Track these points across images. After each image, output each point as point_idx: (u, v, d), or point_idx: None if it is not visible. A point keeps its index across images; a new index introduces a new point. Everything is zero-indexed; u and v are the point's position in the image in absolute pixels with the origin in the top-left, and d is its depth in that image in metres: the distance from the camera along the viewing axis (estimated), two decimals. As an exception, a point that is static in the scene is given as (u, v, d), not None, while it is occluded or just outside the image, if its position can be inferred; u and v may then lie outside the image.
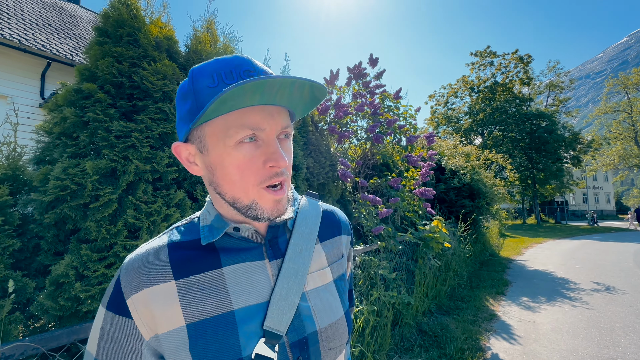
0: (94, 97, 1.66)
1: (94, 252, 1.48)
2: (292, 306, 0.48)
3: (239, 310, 0.46)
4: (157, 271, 0.46)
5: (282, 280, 0.49)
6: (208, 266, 0.48)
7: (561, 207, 32.10)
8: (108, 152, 1.60)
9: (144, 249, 0.49)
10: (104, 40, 1.82)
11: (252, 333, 0.45)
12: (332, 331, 0.52)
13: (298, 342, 0.48)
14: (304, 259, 0.52)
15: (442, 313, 3.99)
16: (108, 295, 0.46)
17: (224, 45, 2.46)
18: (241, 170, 0.45)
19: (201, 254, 0.49)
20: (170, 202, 1.73)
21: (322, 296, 0.53)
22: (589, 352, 3.06)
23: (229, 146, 0.45)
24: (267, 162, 0.45)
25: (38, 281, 1.45)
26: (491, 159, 10.22)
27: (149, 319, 0.44)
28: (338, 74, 4.12)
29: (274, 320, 0.46)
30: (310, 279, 0.53)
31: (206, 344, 0.44)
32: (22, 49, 6.07)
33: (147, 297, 0.44)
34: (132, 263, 0.47)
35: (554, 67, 27.60)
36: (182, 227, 0.53)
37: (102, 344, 0.45)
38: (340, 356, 0.53)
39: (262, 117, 0.44)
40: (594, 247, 10.70)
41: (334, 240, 0.61)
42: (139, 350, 0.44)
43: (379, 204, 3.45)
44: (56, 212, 1.46)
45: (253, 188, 0.46)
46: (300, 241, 0.54)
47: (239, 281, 0.48)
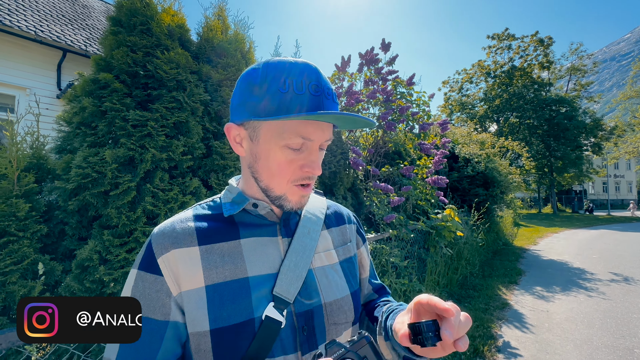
0: (110, 87, 1.69)
1: (115, 237, 1.54)
2: (299, 278, 0.53)
3: (252, 277, 0.51)
4: (184, 237, 0.52)
5: (292, 254, 0.55)
6: (228, 237, 0.54)
7: (579, 196, 31.10)
8: (125, 140, 1.63)
9: (172, 219, 0.55)
10: (118, 29, 1.84)
11: (263, 298, 0.51)
12: (337, 307, 0.56)
13: (304, 312, 0.53)
14: (312, 239, 0.59)
15: (453, 301, 3.99)
16: (140, 257, 0.51)
17: (235, 33, 2.44)
18: (281, 167, 0.52)
19: (222, 226, 0.55)
20: (186, 190, 1.77)
21: (328, 274, 0.58)
22: (604, 342, 3.03)
23: (278, 145, 0.51)
24: (304, 167, 0.52)
25: (65, 265, 1.53)
26: (507, 146, 9.94)
27: (176, 276, 0.49)
28: (349, 61, 4.05)
29: (283, 287, 0.51)
30: (317, 258, 0.59)
31: (222, 304, 0.49)
32: (39, 40, 6.18)
33: (175, 256, 0.50)
34: (162, 229, 0.53)
35: (577, 49, 26.26)
36: (205, 204, 0.59)
37: None
38: (345, 333, 0.57)
39: (314, 130, 0.50)
40: (613, 237, 10.40)
41: (340, 228, 0.67)
42: (167, 305, 0.49)
43: (391, 192, 3.44)
44: (79, 199, 1.52)
45: (287, 184, 0.53)
46: (308, 224, 0.60)
47: (254, 252, 0.54)
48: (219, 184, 1.94)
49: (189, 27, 2.22)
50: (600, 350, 2.86)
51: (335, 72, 4.14)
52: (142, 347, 0.48)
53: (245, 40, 2.49)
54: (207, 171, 1.96)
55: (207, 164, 1.94)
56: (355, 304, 0.60)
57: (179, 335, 0.50)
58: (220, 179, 1.95)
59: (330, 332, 0.55)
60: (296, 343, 0.51)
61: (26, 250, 1.37)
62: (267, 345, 0.48)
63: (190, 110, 1.88)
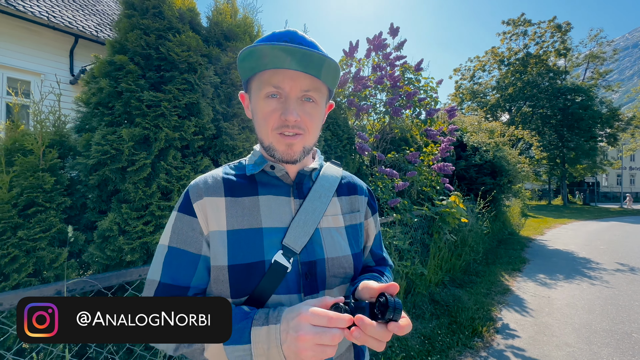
0: (125, 69, 1.77)
1: (132, 210, 1.64)
2: (307, 234, 0.62)
3: (266, 228, 0.61)
4: (214, 188, 0.63)
5: (301, 213, 0.63)
6: (249, 192, 0.64)
7: (592, 188, 30.45)
8: (141, 120, 1.72)
9: (206, 175, 0.66)
10: (132, 13, 1.90)
11: (274, 246, 0.60)
12: (337, 262, 0.64)
13: (308, 262, 0.62)
14: (322, 203, 0.66)
15: (455, 286, 4.08)
16: (179, 202, 0.63)
17: (244, 17, 2.48)
18: (265, 116, 0.60)
19: (245, 183, 0.65)
20: (197, 168, 1.86)
21: (332, 235, 0.66)
22: (602, 326, 3.08)
23: (261, 98, 0.60)
24: (282, 114, 0.59)
25: (87, 235, 1.65)
26: (516, 135, 9.78)
27: (207, 219, 0.60)
28: (357, 46, 4.03)
29: (291, 240, 0.60)
30: (324, 220, 0.66)
31: (239, 246, 0.59)
32: (51, 26, 6.28)
33: (206, 203, 0.61)
34: (198, 181, 0.64)
35: (596, 35, 25.23)
36: (232, 165, 0.71)
37: (173, 236, 0.60)
38: (342, 288, 0.66)
39: (284, 78, 0.58)
40: (623, 229, 10.27)
41: (351, 197, 0.74)
42: (200, 241, 0.60)
43: (396, 177, 3.48)
44: (99, 174, 1.62)
45: (271, 132, 0.61)
46: (320, 189, 0.68)
47: (269, 208, 0.63)
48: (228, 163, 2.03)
49: (199, 10, 2.27)
50: (598, 334, 2.92)
51: (343, 57, 4.13)
52: (180, 271, 0.58)
53: (253, 24, 2.53)
54: (217, 151, 2.04)
55: (217, 145, 2.02)
56: (356, 264, 0.68)
57: (208, 267, 0.61)
58: (229, 158, 2.03)
59: (330, 282, 0.63)
60: (299, 286, 0.60)
61: (53, 220, 1.49)
62: (274, 284, 0.57)
63: (201, 92, 1.95)
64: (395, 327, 0.46)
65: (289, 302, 0.58)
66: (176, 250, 0.59)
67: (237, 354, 0.49)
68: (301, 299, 0.59)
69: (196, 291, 0.60)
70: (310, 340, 0.45)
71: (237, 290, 0.57)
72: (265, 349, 0.48)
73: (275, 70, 0.58)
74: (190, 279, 0.59)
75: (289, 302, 0.58)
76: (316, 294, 0.60)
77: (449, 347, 2.62)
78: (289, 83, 0.58)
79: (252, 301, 0.57)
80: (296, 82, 0.58)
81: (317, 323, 0.46)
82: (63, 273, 1.49)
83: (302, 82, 0.59)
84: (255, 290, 0.57)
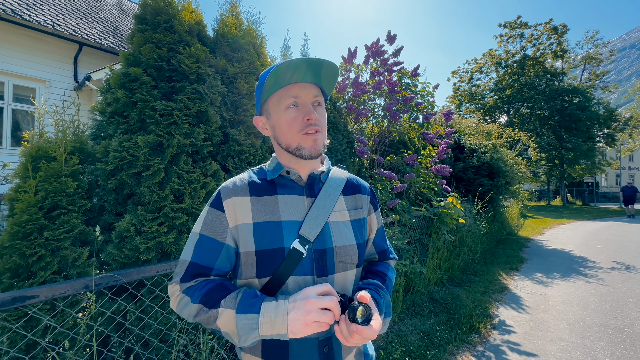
0: (139, 80, 1.89)
1: (147, 212, 1.76)
2: (318, 226, 0.73)
3: (284, 222, 0.73)
4: (242, 189, 0.76)
5: (314, 209, 0.75)
6: (269, 192, 0.76)
7: (591, 188, 30.56)
8: (154, 128, 1.84)
9: (234, 178, 0.79)
10: (144, 27, 2.02)
11: (291, 235, 0.72)
12: (344, 250, 0.76)
13: (319, 250, 0.73)
14: (331, 201, 0.78)
15: (453, 285, 4.18)
16: (212, 199, 0.76)
17: (248, 28, 2.61)
18: (290, 124, 0.73)
19: (266, 184, 0.78)
20: (207, 172, 1.98)
21: (340, 227, 0.78)
22: (596, 322, 3.19)
23: (282, 110, 0.74)
24: (305, 116, 0.72)
25: (104, 236, 1.76)
26: (513, 136, 9.91)
27: (234, 214, 0.73)
28: (356, 52, 4.17)
29: (306, 231, 0.72)
30: (333, 215, 0.78)
31: (263, 235, 0.71)
32: (56, 34, 6.41)
33: (234, 201, 0.74)
34: (228, 183, 0.77)
35: (592, 37, 25.45)
36: (255, 170, 0.83)
37: (204, 226, 0.74)
38: (349, 272, 0.78)
39: (299, 89, 0.73)
40: (621, 228, 10.37)
41: (355, 196, 0.86)
42: (225, 232, 0.73)
43: (394, 179, 3.60)
44: (116, 179, 1.74)
45: (298, 134, 0.73)
46: (329, 189, 0.80)
47: (287, 205, 0.75)
48: (235, 167, 2.15)
49: (205, 23, 2.40)
50: (591, 329, 3.03)
51: (342, 63, 4.26)
52: (207, 254, 0.72)
53: (257, 35, 2.66)
54: (225, 156, 2.16)
55: (224, 150, 2.14)
56: (360, 252, 0.81)
57: (229, 255, 0.74)
58: (236, 163, 2.15)
59: (338, 267, 0.75)
60: (312, 269, 0.72)
61: (75, 222, 1.61)
62: (291, 266, 0.70)
63: (210, 101, 2.08)
64: (354, 328, 0.59)
65: (303, 282, 0.70)
66: (206, 237, 0.72)
67: (246, 321, 0.61)
68: (314, 280, 0.71)
69: (218, 272, 0.73)
70: (313, 312, 0.59)
71: (262, 271, 0.70)
72: (272, 317, 0.60)
73: (290, 85, 0.72)
74: (214, 262, 0.72)
75: (304, 282, 0.70)
76: (326, 277, 0.73)
77: (447, 343, 2.72)
78: (303, 92, 0.73)
79: (274, 280, 0.69)
80: (308, 90, 0.73)
81: (319, 305, 0.60)
82: (84, 271, 1.61)
83: (311, 90, 0.74)
84: (277, 271, 0.69)
